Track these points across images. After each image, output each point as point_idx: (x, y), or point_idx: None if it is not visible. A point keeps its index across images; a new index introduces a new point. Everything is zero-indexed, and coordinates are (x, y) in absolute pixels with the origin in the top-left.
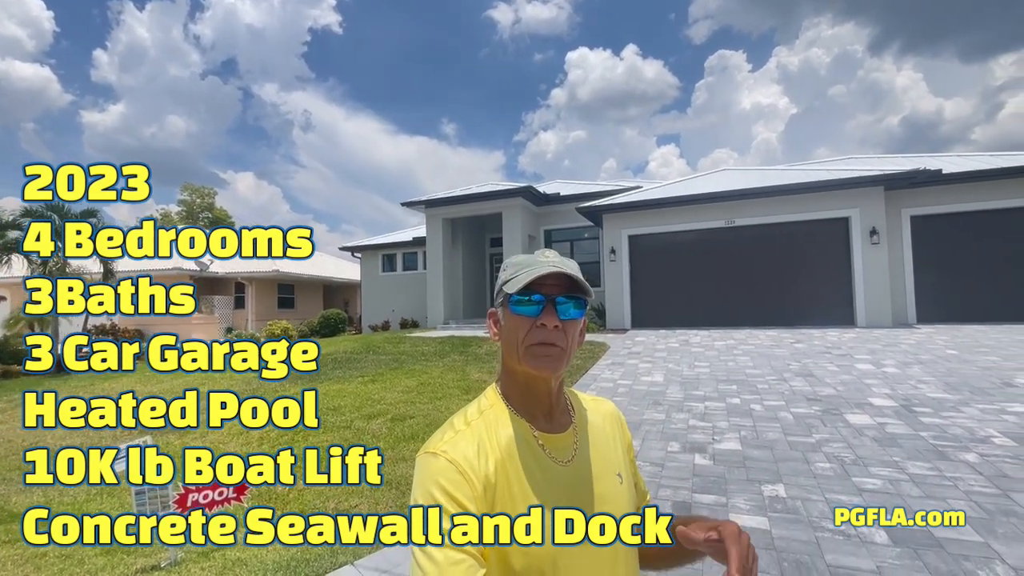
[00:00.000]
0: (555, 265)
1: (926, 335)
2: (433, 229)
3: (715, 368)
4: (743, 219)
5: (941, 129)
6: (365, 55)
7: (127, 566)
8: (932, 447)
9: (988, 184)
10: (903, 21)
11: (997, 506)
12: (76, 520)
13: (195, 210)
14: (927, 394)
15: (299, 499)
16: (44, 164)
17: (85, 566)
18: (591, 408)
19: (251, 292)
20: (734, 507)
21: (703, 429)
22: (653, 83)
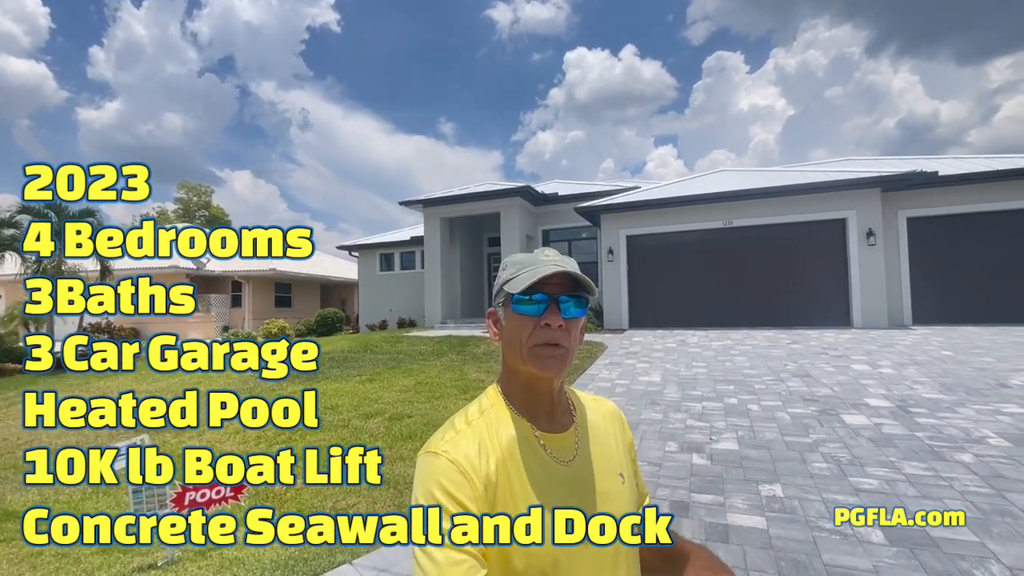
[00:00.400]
0: (557, 264)
1: (922, 336)
2: (431, 228)
3: (712, 368)
4: (741, 220)
5: (937, 132)
6: (363, 54)
7: (124, 565)
8: (928, 447)
9: (984, 186)
10: (900, 23)
11: (992, 506)
12: (76, 520)
13: (192, 208)
14: (923, 395)
15: (297, 498)
16: (44, 164)
17: (81, 565)
18: (592, 407)
19: (248, 291)
20: (732, 507)
21: (700, 429)
22: (651, 84)
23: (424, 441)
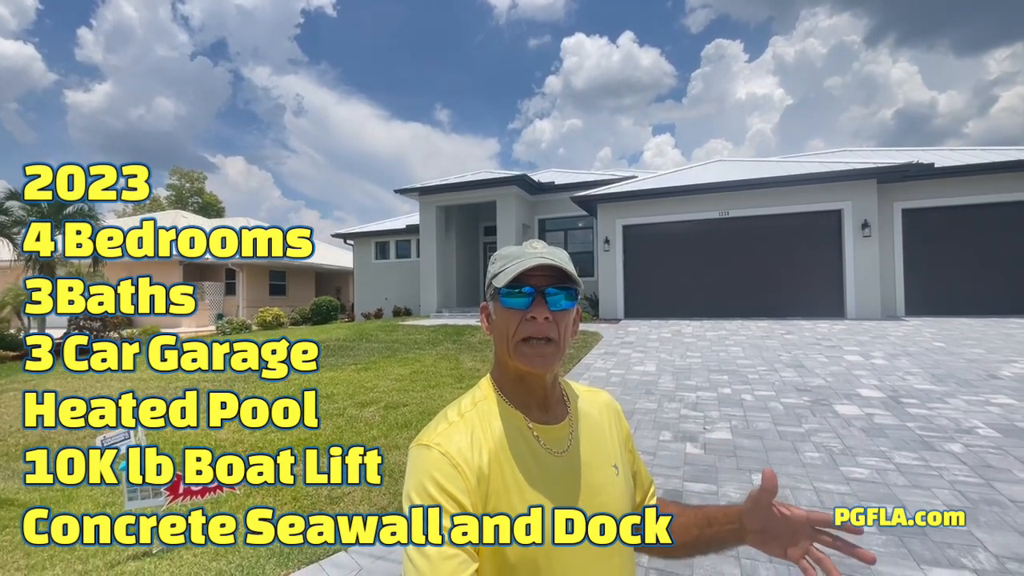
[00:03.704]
0: (543, 256)
1: (914, 327)
2: (427, 217)
3: (707, 358)
4: (737, 210)
5: (934, 123)
6: (359, 38)
7: (119, 552)
8: (918, 438)
9: (979, 178)
10: (899, 13)
11: (981, 495)
12: (76, 520)
13: (184, 195)
14: (914, 385)
15: (280, 491)
16: (44, 164)
17: (76, 552)
18: (587, 399)
19: (242, 278)
20: (724, 495)
21: (694, 419)
22: (649, 71)
23: (419, 431)
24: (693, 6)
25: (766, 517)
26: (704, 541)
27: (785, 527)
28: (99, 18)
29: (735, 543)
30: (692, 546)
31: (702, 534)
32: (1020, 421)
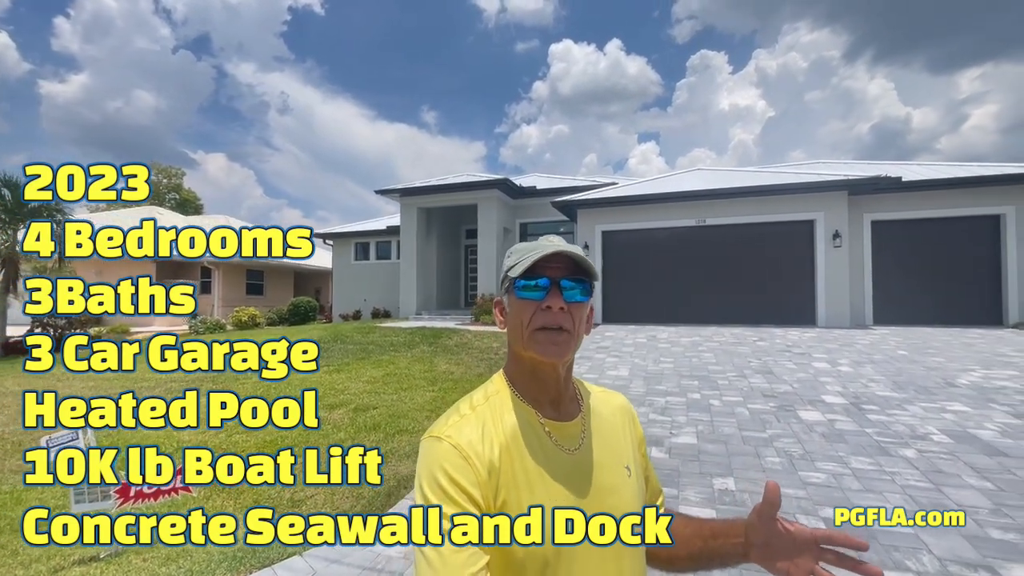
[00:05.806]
0: (559, 246)
1: (880, 336)
2: (408, 218)
3: (679, 364)
4: (714, 219)
5: (908, 138)
6: (346, 37)
7: (64, 557)
8: (875, 443)
9: (944, 193)
10: (877, 30)
11: (929, 499)
12: (76, 520)
13: (161, 191)
14: (876, 392)
15: (253, 490)
16: (44, 164)
17: (19, 557)
18: (601, 399)
19: (218, 277)
20: (685, 499)
21: (662, 423)
22: (635, 79)
23: (387, 433)
24: (680, 16)
25: (769, 531)
26: (708, 554)
27: (788, 543)
28: (77, 7)
29: (740, 558)
30: (697, 558)
31: (707, 546)
32: (972, 428)
